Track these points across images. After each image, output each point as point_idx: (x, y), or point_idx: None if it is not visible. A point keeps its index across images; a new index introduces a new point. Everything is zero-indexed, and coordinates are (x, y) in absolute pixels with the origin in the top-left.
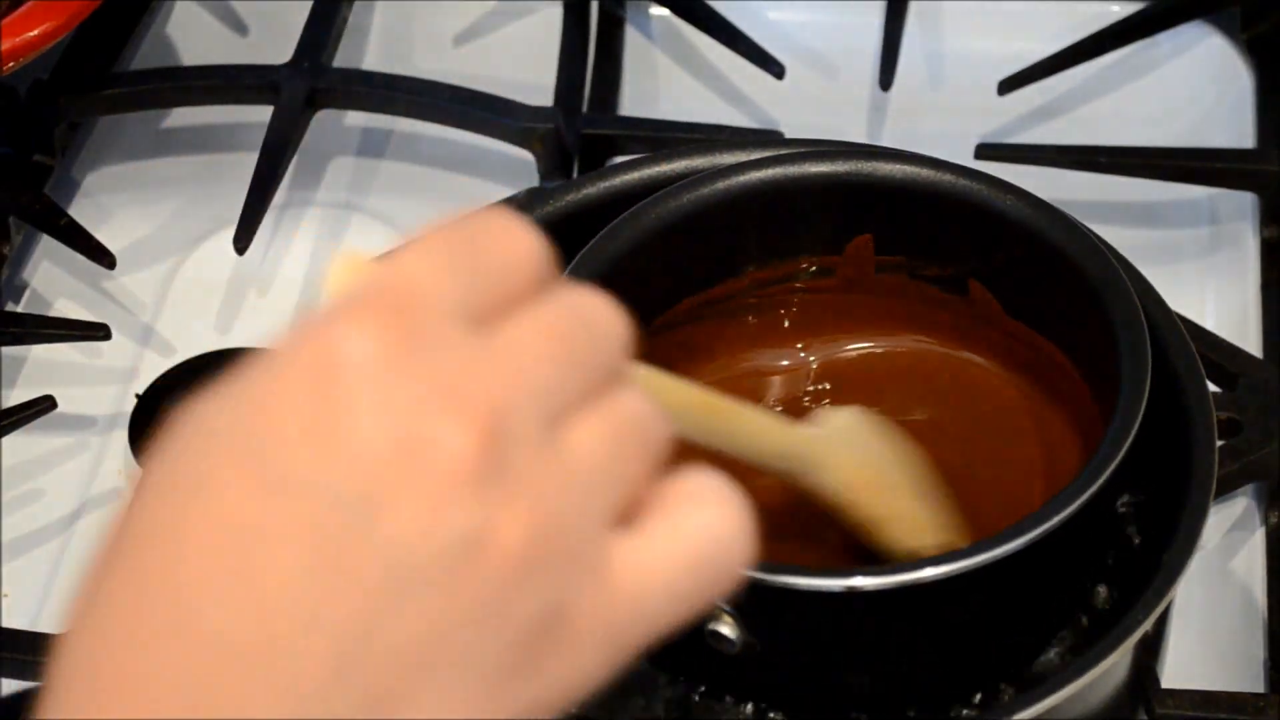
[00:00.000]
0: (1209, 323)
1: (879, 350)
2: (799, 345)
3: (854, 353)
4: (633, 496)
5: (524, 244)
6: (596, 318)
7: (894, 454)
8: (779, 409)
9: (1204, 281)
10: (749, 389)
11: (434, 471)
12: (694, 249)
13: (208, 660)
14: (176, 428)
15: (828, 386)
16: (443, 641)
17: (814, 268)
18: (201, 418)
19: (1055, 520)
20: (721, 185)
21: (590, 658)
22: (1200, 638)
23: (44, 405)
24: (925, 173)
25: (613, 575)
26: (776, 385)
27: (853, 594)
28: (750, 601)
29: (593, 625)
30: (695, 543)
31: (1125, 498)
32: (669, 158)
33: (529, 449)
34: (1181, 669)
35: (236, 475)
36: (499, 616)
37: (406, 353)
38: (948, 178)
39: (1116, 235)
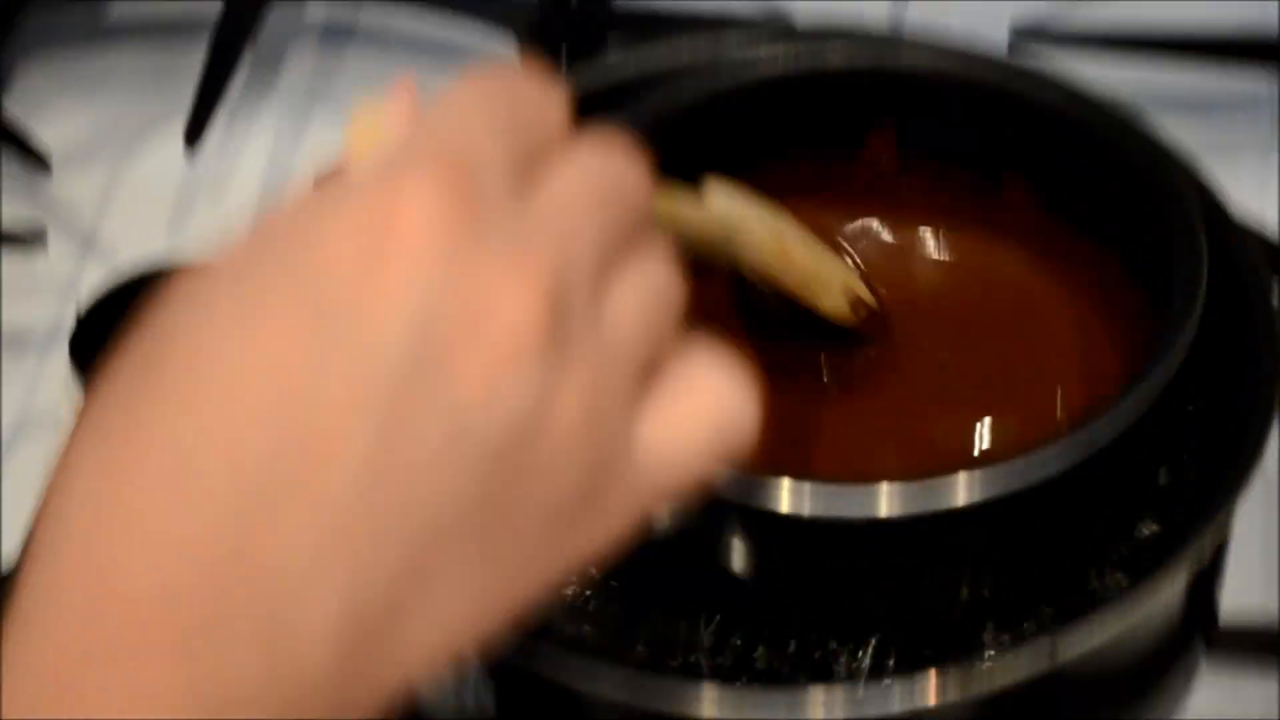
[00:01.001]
0: (1271, 221)
1: (905, 251)
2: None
3: (875, 256)
4: (658, 361)
5: (553, 97)
6: (624, 169)
7: (787, 219)
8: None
9: (1265, 177)
10: None
11: (499, 336)
12: (698, 148)
13: (250, 503)
14: (193, 275)
15: None
16: (489, 512)
17: (833, 167)
18: (244, 246)
19: (1100, 437)
20: (729, 78)
21: (616, 521)
22: (1262, 567)
23: None
24: (955, 64)
25: (644, 440)
26: None
27: (874, 524)
28: (759, 529)
29: (625, 488)
30: (715, 410)
31: (1179, 410)
32: (670, 48)
33: (583, 317)
34: (1241, 601)
35: (285, 309)
36: (546, 488)
37: (466, 215)
38: (980, 69)
39: (1168, 129)
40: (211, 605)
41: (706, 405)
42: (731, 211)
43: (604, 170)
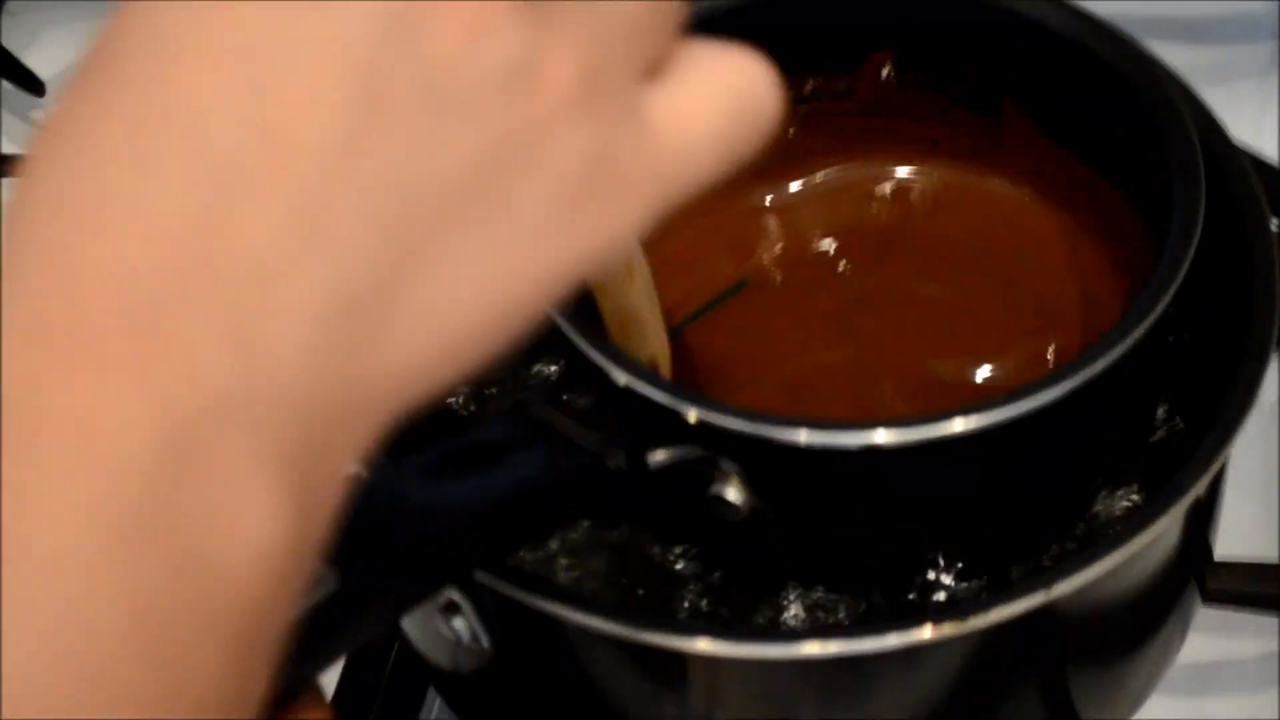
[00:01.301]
0: (1269, 149)
1: (899, 177)
2: (809, 175)
3: (870, 180)
4: (665, 49)
5: None
6: None
7: (642, 259)
8: (782, 244)
9: (1264, 104)
10: (751, 226)
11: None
12: None
13: (218, 189)
14: None
15: (840, 206)
16: (485, 178)
17: (826, 87)
18: None
19: (1099, 365)
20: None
21: (630, 204)
22: (1258, 504)
23: None
24: None
25: (654, 121)
26: (779, 220)
27: (873, 451)
28: (757, 461)
29: (634, 169)
30: (730, 90)
31: (1176, 340)
32: None
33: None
34: (1236, 537)
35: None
36: (544, 155)
37: None
38: None
39: (1165, 52)
40: (174, 289)
41: (723, 83)
42: None
43: None
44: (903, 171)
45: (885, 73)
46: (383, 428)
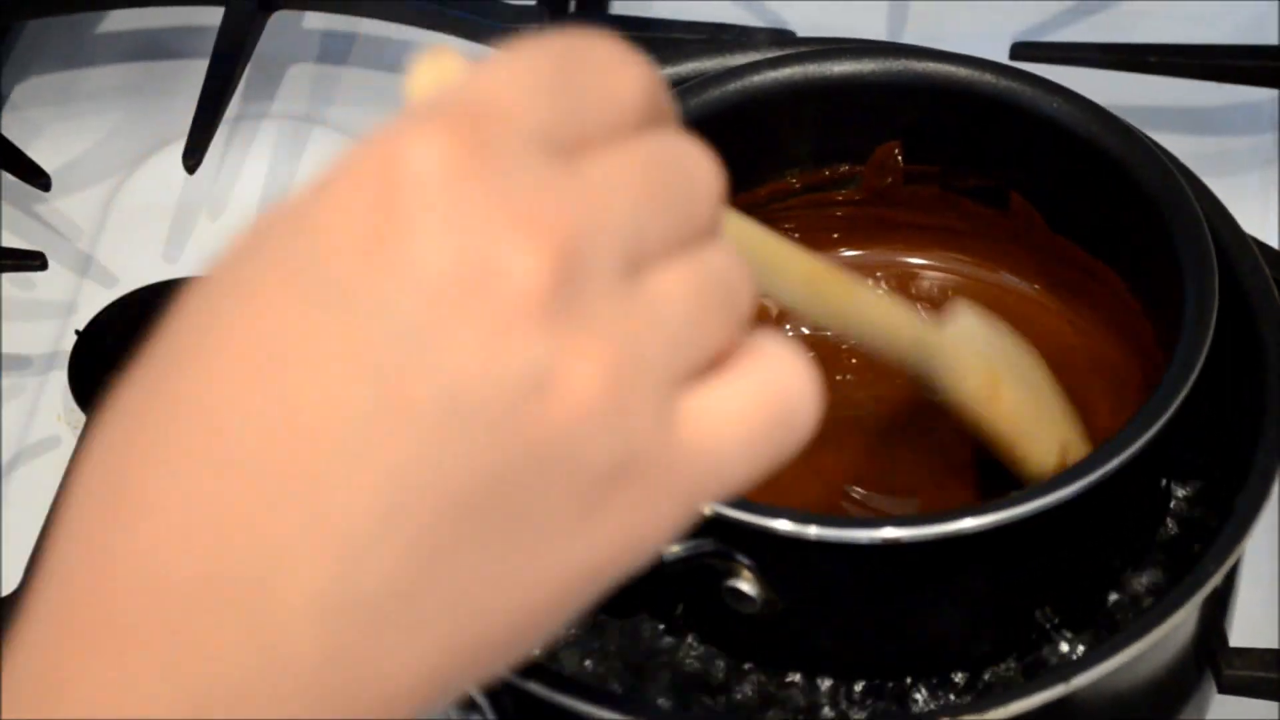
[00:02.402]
0: (1272, 240)
1: (907, 270)
2: None
3: (878, 271)
4: (712, 356)
5: (632, 75)
6: (694, 163)
7: (1024, 362)
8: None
9: (1266, 194)
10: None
11: (500, 299)
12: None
13: (239, 487)
14: (235, 239)
15: None
16: (501, 491)
17: (836, 179)
18: (255, 226)
19: (1113, 464)
20: (733, 88)
21: (659, 513)
22: (1272, 593)
23: None
24: (961, 72)
25: (686, 428)
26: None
27: (886, 546)
28: (773, 555)
29: (658, 480)
30: (767, 398)
31: (1190, 435)
32: (672, 59)
33: (605, 286)
34: (1251, 627)
35: (282, 286)
36: (564, 466)
37: (478, 170)
38: (987, 77)
39: (1168, 143)
40: (198, 587)
41: (759, 391)
42: (955, 342)
43: (668, 156)
44: (911, 262)
45: (893, 164)
46: (399, 708)
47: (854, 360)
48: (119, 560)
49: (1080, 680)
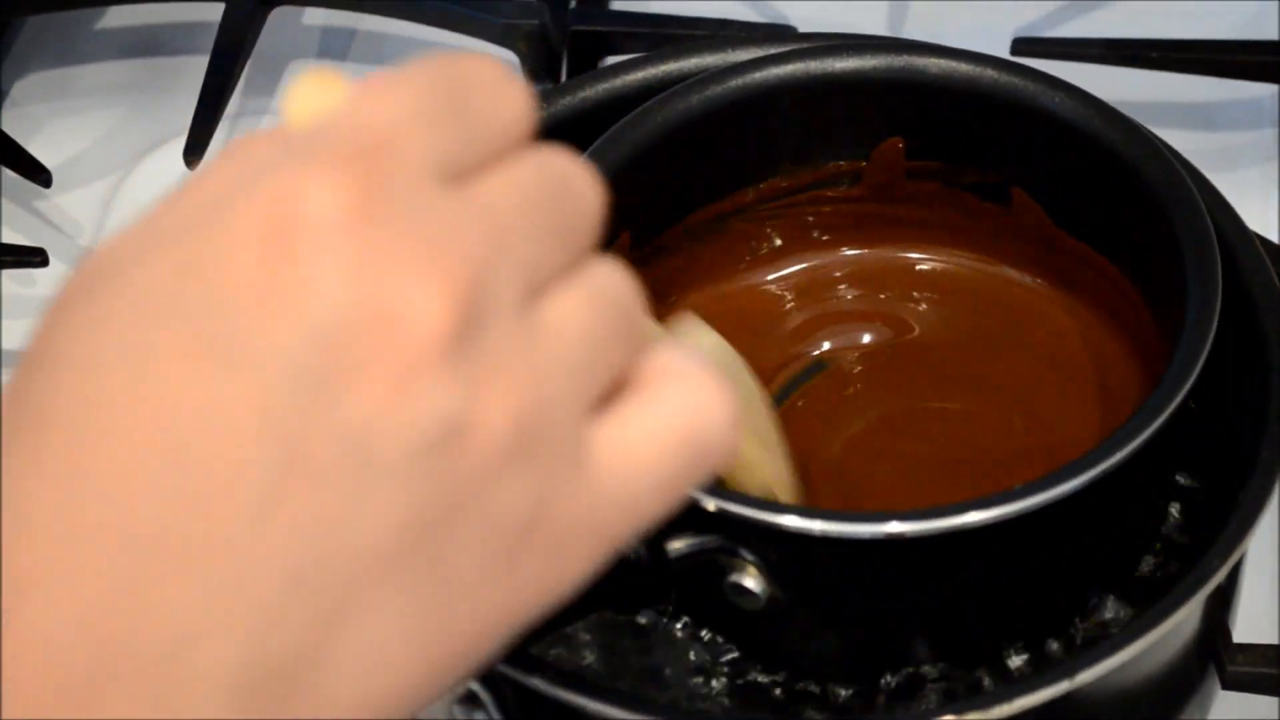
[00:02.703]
0: (1275, 235)
1: (910, 267)
2: (820, 262)
3: (882, 269)
4: (614, 378)
5: (513, 97)
6: (577, 180)
7: (748, 394)
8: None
9: (1266, 189)
10: (762, 311)
11: (403, 344)
12: (704, 157)
13: (140, 561)
14: (85, 278)
15: (851, 298)
16: (411, 543)
17: (838, 175)
18: (122, 270)
19: (1117, 458)
20: (735, 84)
21: (571, 554)
22: (1275, 589)
23: None
24: (964, 68)
25: (595, 462)
26: (795, 307)
27: (891, 541)
28: (778, 550)
29: (575, 518)
30: (679, 424)
31: (1192, 431)
32: (674, 56)
33: (507, 322)
34: (1254, 623)
35: (174, 345)
36: (476, 514)
37: (375, 210)
38: (990, 73)
39: (1169, 139)
40: (98, 662)
41: (672, 418)
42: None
43: (551, 178)
44: (913, 258)
45: (895, 160)
46: None
47: (859, 369)
48: (17, 634)
49: (1084, 676)
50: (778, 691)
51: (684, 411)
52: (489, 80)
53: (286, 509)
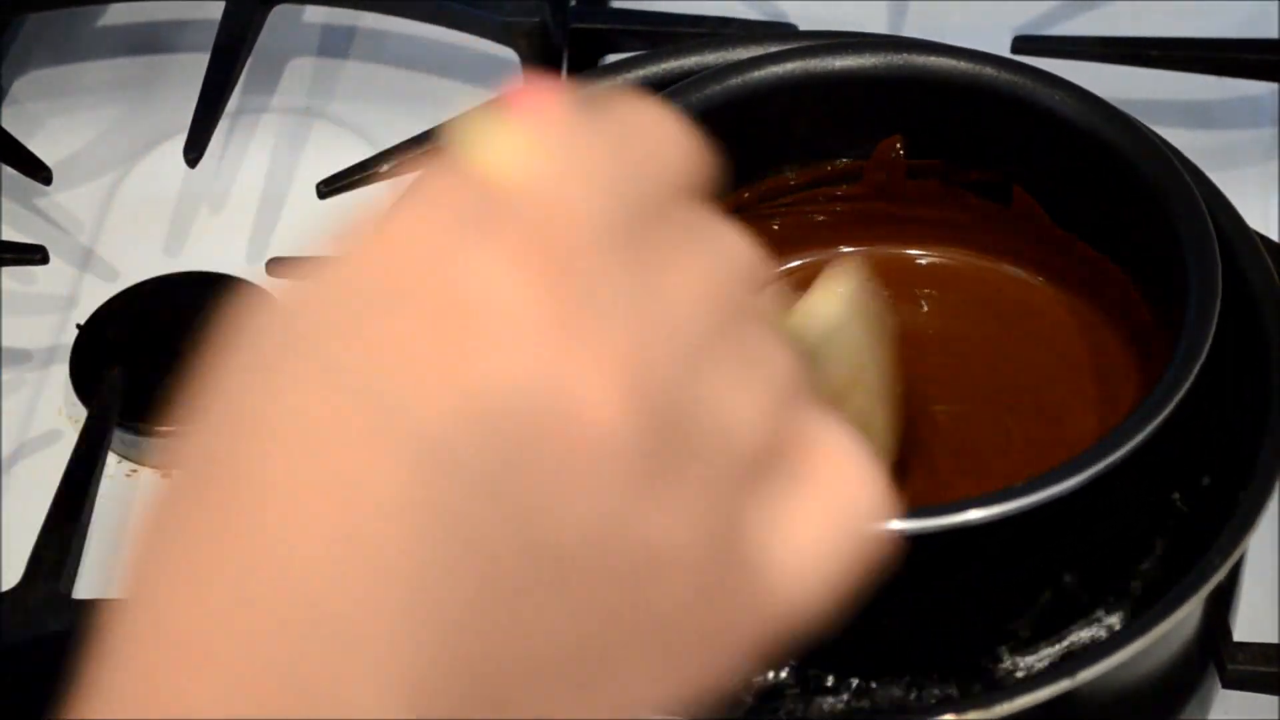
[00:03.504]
0: (1275, 234)
1: (911, 263)
2: (821, 260)
3: (883, 267)
4: (774, 453)
5: (678, 145)
6: (746, 255)
7: (870, 355)
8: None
9: (1266, 188)
10: None
11: (583, 438)
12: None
13: (303, 631)
14: (275, 342)
15: None
16: (582, 635)
17: (838, 173)
18: (317, 344)
19: (1116, 456)
20: (735, 82)
21: (741, 648)
22: (1275, 588)
23: None
24: (964, 65)
25: (762, 555)
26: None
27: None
28: None
29: (745, 612)
30: (838, 505)
31: (1192, 430)
32: (674, 54)
33: (685, 418)
34: (1254, 621)
35: (351, 422)
36: (651, 612)
37: (560, 294)
38: (989, 71)
39: (1169, 137)
40: None
41: (832, 502)
42: (829, 321)
43: (725, 254)
44: (913, 256)
45: (895, 158)
46: None
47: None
48: (180, 700)
49: (1085, 675)
50: (776, 686)
51: (842, 493)
52: (654, 127)
53: (448, 603)
